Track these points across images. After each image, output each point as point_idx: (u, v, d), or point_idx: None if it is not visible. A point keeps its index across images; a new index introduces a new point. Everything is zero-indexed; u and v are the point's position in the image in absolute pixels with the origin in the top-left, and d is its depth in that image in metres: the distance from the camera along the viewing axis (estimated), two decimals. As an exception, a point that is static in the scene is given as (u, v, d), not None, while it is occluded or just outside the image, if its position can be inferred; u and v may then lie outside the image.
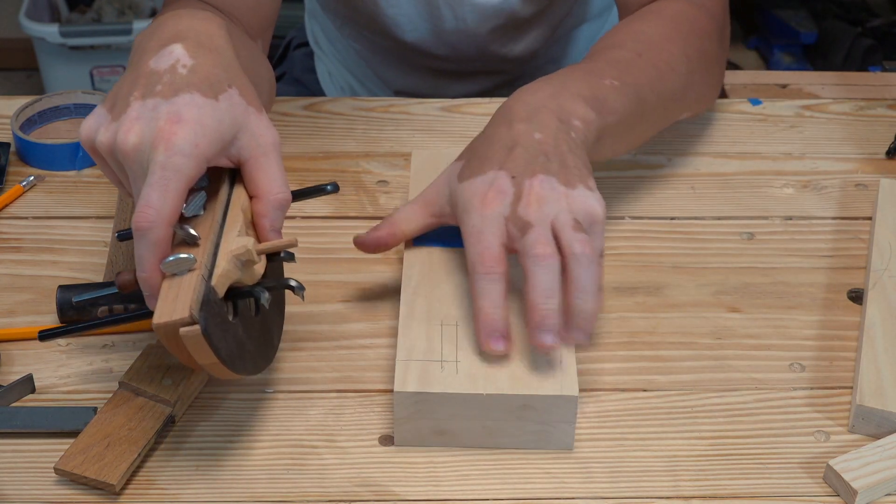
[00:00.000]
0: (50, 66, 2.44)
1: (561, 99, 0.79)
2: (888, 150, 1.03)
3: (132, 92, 0.69)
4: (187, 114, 0.67)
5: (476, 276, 0.72)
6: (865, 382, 0.75)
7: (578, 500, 0.70)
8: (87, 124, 0.71)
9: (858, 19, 2.58)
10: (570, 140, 0.77)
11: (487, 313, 0.71)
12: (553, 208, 0.73)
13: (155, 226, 0.66)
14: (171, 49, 0.71)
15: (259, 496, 0.70)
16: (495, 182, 0.75)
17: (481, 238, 0.73)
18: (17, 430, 0.73)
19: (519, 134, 0.77)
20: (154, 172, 0.66)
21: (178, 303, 0.65)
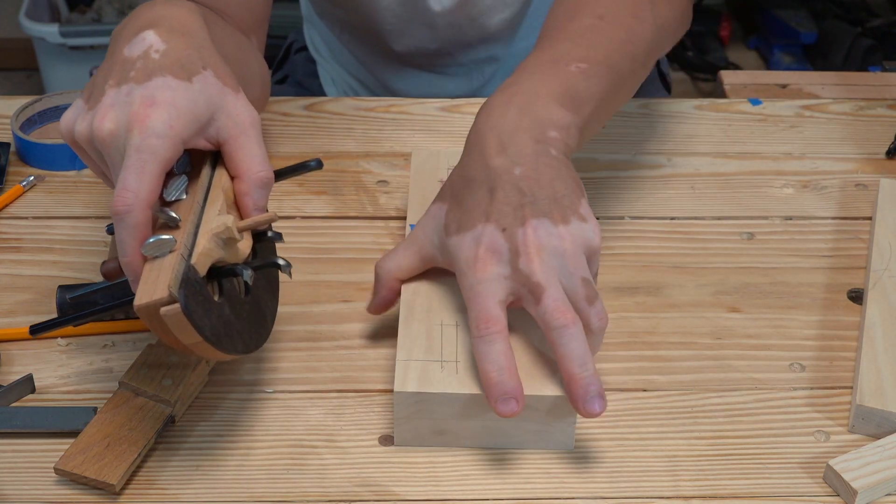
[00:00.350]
0: (50, 66, 2.44)
1: (533, 111, 0.75)
2: (888, 150, 1.03)
3: (107, 80, 0.70)
4: (160, 96, 0.68)
5: (475, 339, 0.70)
6: (865, 382, 0.75)
7: (578, 500, 0.70)
8: (66, 117, 0.71)
9: (858, 19, 2.58)
10: (552, 160, 0.74)
11: (492, 378, 0.69)
12: (556, 261, 0.70)
13: (133, 209, 0.66)
14: (143, 35, 0.71)
15: (259, 496, 0.70)
16: (485, 239, 0.71)
17: (477, 301, 0.70)
18: (17, 430, 0.73)
19: (497, 172, 0.73)
20: (130, 156, 0.66)
21: (157, 283, 0.64)
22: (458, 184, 0.76)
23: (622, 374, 0.79)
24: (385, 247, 0.90)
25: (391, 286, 0.78)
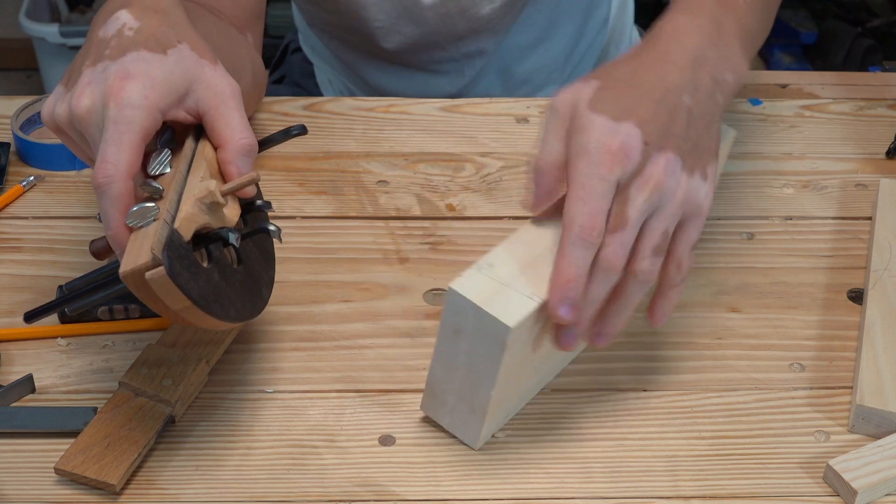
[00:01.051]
0: (50, 66, 2.44)
1: (719, 46, 0.74)
2: (888, 150, 1.03)
3: (84, 61, 0.70)
4: (134, 69, 0.68)
5: (573, 236, 0.67)
6: (865, 382, 0.75)
7: (578, 500, 0.70)
8: (48, 103, 0.72)
9: (858, 19, 2.58)
10: (715, 107, 0.73)
11: (569, 279, 0.67)
12: (660, 200, 0.68)
13: (114, 180, 0.66)
14: (117, 16, 0.71)
15: (259, 496, 0.70)
16: (628, 140, 0.68)
17: (592, 200, 0.67)
18: (17, 430, 0.73)
19: (669, 88, 0.71)
20: (108, 129, 0.66)
21: (141, 250, 0.64)
22: (622, 71, 0.73)
23: (622, 373, 0.79)
24: (385, 247, 0.90)
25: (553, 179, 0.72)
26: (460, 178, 0.98)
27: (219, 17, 0.92)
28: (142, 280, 0.64)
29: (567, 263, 0.67)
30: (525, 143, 1.03)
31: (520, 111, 1.08)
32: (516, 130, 1.05)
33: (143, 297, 0.65)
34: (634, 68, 0.72)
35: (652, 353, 0.81)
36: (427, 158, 1.01)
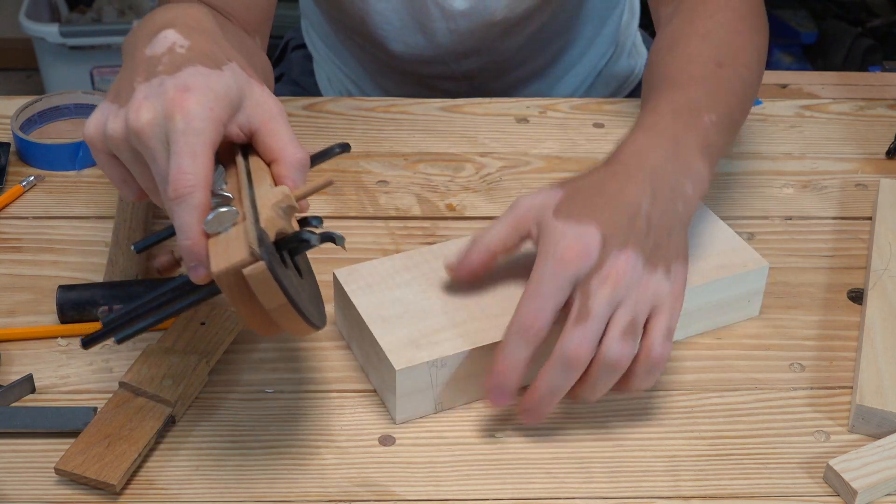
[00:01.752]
0: (50, 66, 2.44)
1: (679, 161, 0.78)
2: (888, 150, 1.03)
3: (134, 78, 0.69)
4: (194, 82, 0.67)
5: (513, 330, 0.71)
6: (865, 382, 0.75)
7: (578, 500, 0.70)
8: (93, 120, 0.70)
9: (858, 19, 2.58)
10: (675, 216, 0.76)
11: (504, 372, 0.71)
12: (621, 296, 0.71)
13: (195, 189, 0.65)
14: (164, 34, 0.70)
15: (259, 496, 0.70)
16: (584, 240, 0.72)
17: (540, 298, 0.71)
18: (17, 430, 0.73)
19: (629, 196, 0.75)
20: (177, 141, 0.65)
21: (232, 248, 0.63)
22: (585, 183, 0.77)
23: (622, 374, 0.79)
24: (385, 247, 0.90)
25: (483, 258, 0.77)
26: (460, 178, 0.98)
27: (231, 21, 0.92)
28: (237, 278, 0.63)
29: (503, 355, 0.71)
30: (525, 143, 1.03)
31: (520, 111, 1.08)
32: (516, 130, 1.05)
33: (235, 298, 0.64)
34: (596, 181, 0.76)
35: (652, 353, 0.81)
36: (427, 158, 1.01)
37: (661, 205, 0.75)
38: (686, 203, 0.77)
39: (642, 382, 0.72)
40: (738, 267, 0.81)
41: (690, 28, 0.90)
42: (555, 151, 1.02)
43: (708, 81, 0.85)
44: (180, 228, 0.65)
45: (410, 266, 0.80)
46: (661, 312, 0.72)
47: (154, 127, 0.66)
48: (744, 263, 0.81)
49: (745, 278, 0.81)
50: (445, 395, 0.75)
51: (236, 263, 0.63)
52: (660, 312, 0.72)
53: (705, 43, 0.88)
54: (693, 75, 0.85)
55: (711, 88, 0.84)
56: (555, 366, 0.70)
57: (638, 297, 0.71)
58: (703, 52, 0.87)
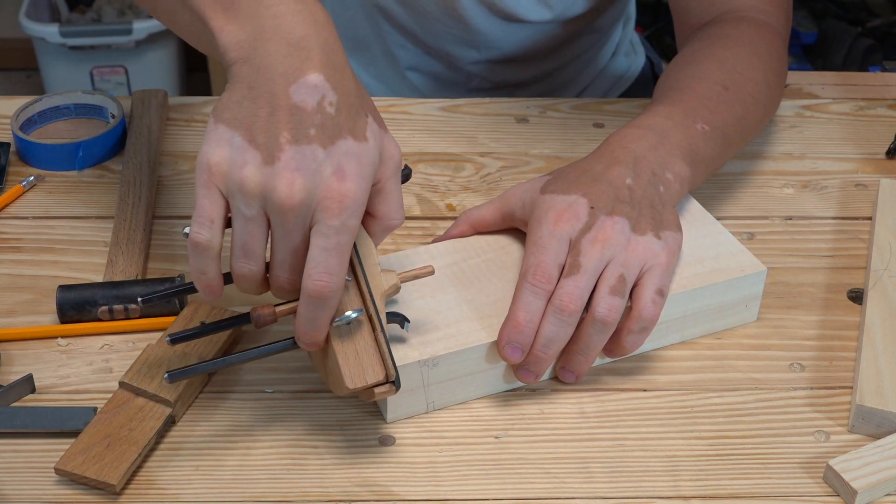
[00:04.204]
0: (50, 66, 2.44)
1: (661, 152, 0.81)
2: (888, 150, 1.03)
3: (279, 131, 0.64)
4: (349, 168, 0.64)
5: (524, 283, 0.74)
6: (865, 382, 0.75)
7: (578, 500, 0.70)
8: (219, 150, 0.65)
9: (858, 19, 2.57)
10: (656, 194, 0.79)
11: (519, 322, 0.73)
12: (610, 254, 0.74)
13: (338, 293, 0.65)
14: (311, 81, 0.65)
15: (259, 496, 0.70)
16: (574, 205, 0.77)
17: (543, 252, 0.75)
18: (17, 430, 0.73)
19: (613, 174, 0.79)
20: (330, 237, 0.64)
21: (364, 363, 0.68)
22: (571, 168, 0.82)
23: (622, 373, 0.79)
24: (385, 247, 0.90)
25: (462, 229, 0.84)
26: (460, 178, 0.98)
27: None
28: (368, 392, 0.69)
29: (517, 308, 0.73)
30: (525, 143, 1.03)
31: (520, 111, 1.08)
32: (516, 130, 1.05)
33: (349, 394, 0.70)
34: (581, 164, 0.82)
35: (652, 353, 0.81)
36: (427, 158, 1.01)
37: (643, 183, 0.79)
38: (667, 187, 0.80)
39: (634, 342, 0.75)
40: (735, 271, 0.81)
41: (708, 52, 0.94)
42: (555, 151, 1.02)
43: (710, 99, 0.88)
44: (310, 322, 0.67)
45: (407, 265, 0.80)
46: (652, 273, 0.75)
47: (303, 208, 0.64)
48: (741, 268, 0.81)
49: (742, 283, 0.81)
50: (437, 394, 0.75)
51: (370, 384, 0.68)
52: (650, 273, 0.75)
53: (718, 67, 0.91)
54: (696, 90, 0.89)
55: (711, 104, 0.87)
56: (548, 316, 0.73)
57: (627, 257, 0.75)
58: (712, 73, 0.91)
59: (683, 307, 0.79)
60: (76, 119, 1.05)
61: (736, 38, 0.95)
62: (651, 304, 0.74)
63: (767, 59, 0.95)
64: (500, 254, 0.82)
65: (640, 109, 1.08)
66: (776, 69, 0.96)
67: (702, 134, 0.85)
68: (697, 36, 0.98)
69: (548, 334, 0.73)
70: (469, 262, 0.81)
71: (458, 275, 0.80)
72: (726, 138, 0.88)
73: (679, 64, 0.94)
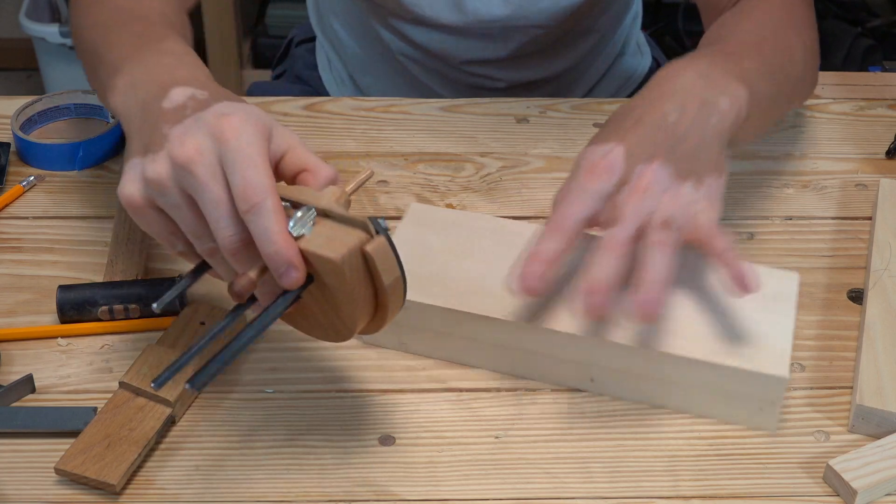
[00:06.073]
0: (50, 66, 2.44)
1: (710, 78, 0.77)
2: (888, 150, 1.03)
3: (161, 126, 0.67)
4: (232, 109, 0.67)
5: (547, 228, 0.72)
6: (865, 382, 0.75)
7: (578, 500, 0.70)
8: (127, 178, 0.67)
9: (858, 19, 2.57)
10: (708, 126, 0.75)
11: (537, 257, 0.71)
12: (651, 204, 0.71)
13: (267, 195, 0.64)
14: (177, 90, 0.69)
15: (259, 496, 0.70)
16: (608, 157, 0.73)
17: (566, 205, 0.73)
18: (17, 430, 0.73)
19: (655, 112, 0.75)
20: (234, 158, 0.64)
21: (339, 237, 0.64)
22: (615, 114, 0.78)
23: (622, 374, 0.79)
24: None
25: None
26: (460, 178, 0.98)
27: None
28: (357, 259, 0.64)
29: (537, 245, 0.72)
30: (525, 143, 1.03)
31: (520, 111, 1.08)
32: (516, 130, 1.05)
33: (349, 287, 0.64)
34: (626, 106, 0.78)
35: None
36: (427, 158, 1.01)
37: (691, 115, 0.75)
38: (721, 116, 0.76)
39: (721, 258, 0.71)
40: (746, 361, 0.72)
41: (740, 16, 0.92)
42: (555, 151, 1.02)
43: (755, 46, 0.86)
44: (263, 236, 0.63)
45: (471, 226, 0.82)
46: (701, 216, 0.72)
47: (202, 154, 0.65)
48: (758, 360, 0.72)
49: (751, 380, 0.72)
50: (409, 338, 0.77)
51: (358, 243, 0.63)
52: (698, 216, 0.72)
53: (756, 24, 0.90)
54: (741, 40, 0.87)
55: (758, 49, 0.85)
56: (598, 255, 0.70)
57: (668, 206, 0.71)
58: (753, 28, 0.89)
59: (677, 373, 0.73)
60: (76, 119, 1.05)
61: (766, 9, 0.93)
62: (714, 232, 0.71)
63: (800, 24, 0.93)
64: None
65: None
66: (809, 36, 0.94)
67: (751, 69, 0.81)
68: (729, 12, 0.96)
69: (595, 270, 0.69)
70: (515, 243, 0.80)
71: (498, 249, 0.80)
72: (777, 80, 0.85)
73: (715, 27, 0.93)
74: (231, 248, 0.65)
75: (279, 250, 0.63)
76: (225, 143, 0.65)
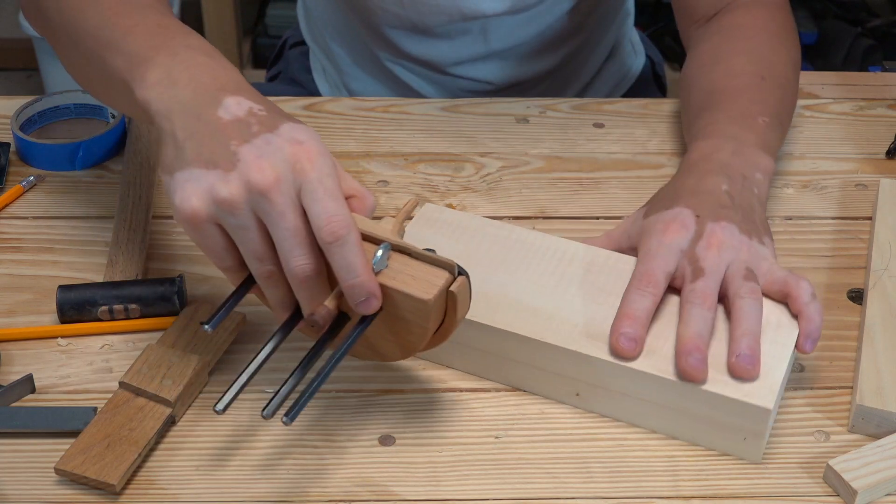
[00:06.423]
0: (50, 66, 2.44)
1: (744, 154, 0.84)
2: (888, 150, 1.03)
3: (226, 142, 0.66)
4: (303, 135, 0.67)
5: (630, 289, 0.75)
6: (865, 382, 0.75)
7: (578, 500, 0.70)
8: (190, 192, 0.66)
9: (858, 19, 2.57)
10: (753, 196, 0.82)
11: (630, 316, 0.73)
12: (730, 256, 0.76)
13: (350, 228, 0.65)
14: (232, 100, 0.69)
15: (259, 496, 0.70)
16: (679, 217, 0.78)
17: (651, 260, 0.76)
18: (17, 430, 0.73)
19: (708, 184, 0.81)
20: (316, 189, 0.65)
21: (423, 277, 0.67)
22: (664, 191, 0.84)
23: (622, 374, 0.79)
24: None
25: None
26: (460, 178, 0.99)
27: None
28: (442, 299, 0.68)
29: (626, 306, 0.74)
30: (525, 143, 1.03)
31: (520, 111, 1.08)
32: (516, 130, 1.05)
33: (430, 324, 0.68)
34: (672, 184, 0.84)
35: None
36: (427, 158, 1.01)
37: (738, 188, 0.81)
38: (759, 187, 0.83)
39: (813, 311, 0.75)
40: (732, 388, 0.71)
41: (730, 46, 0.97)
42: (555, 151, 1.02)
43: (753, 91, 0.91)
44: (346, 268, 0.65)
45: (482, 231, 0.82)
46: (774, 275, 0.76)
47: (282, 183, 0.65)
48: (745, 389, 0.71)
49: (735, 409, 0.71)
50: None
51: (445, 284, 0.67)
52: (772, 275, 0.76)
53: (747, 60, 0.95)
54: (740, 87, 0.92)
55: (758, 97, 0.91)
56: (687, 310, 0.73)
57: (747, 257, 0.76)
58: (746, 67, 0.94)
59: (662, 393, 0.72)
60: (76, 119, 1.05)
61: (751, 27, 0.98)
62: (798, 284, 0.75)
63: (785, 39, 0.98)
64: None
65: (641, 109, 1.08)
66: (791, 43, 0.99)
67: (765, 127, 0.88)
68: (710, 31, 1.00)
69: (693, 324, 0.72)
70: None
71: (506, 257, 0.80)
72: (782, 123, 0.92)
73: (706, 64, 0.97)
74: (302, 277, 0.67)
75: (364, 283, 0.66)
76: (304, 174, 0.65)
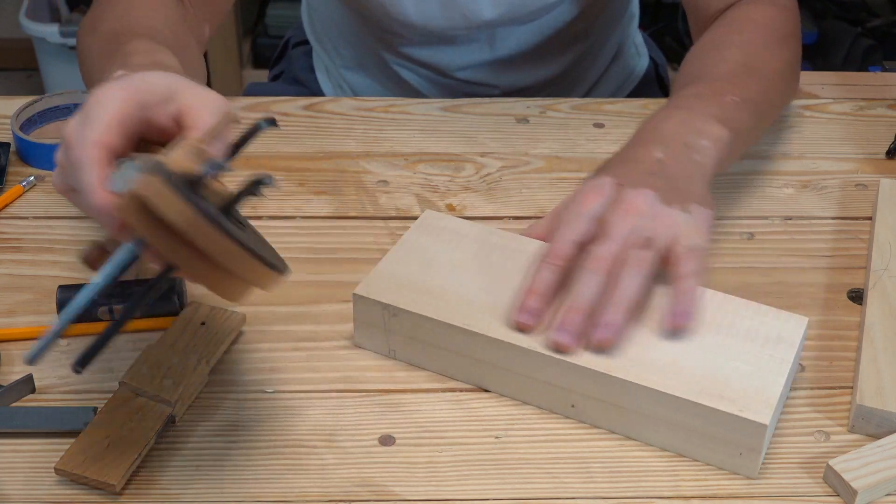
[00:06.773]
0: (50, 66, 2.44)
1: (692, 122, 0.84)
2: (888, 150, 1.03)
3: None
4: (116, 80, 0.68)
5: (541, 261, 0.76)
6: (865, 382, 0.75)
7: (578, 500, 0.70)
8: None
9: (858, 19, 2.57)
10: (692, 163, 0.81)
11: (532, 291, 0.75)
12: (635, 222, 0.76)
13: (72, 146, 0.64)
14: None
15: (259, 496, 0.70)
16: (600, 185, 0.79)
17: (562, 231, 0.77)
18: (17, 430, 0.73)
19: (640, 153, 0.82)
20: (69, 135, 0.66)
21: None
22: (607, 160, 0.84)
23: (622, 374, 0.79)
24: (385, 247, 0.90)
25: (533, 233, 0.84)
26: (460, 178, 0.99)
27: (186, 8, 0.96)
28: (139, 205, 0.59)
29: (533, 280, 0.75)
30: (525, 143, 1.03)
31: (520, 111, 1.08)
32: (516, 130, 1.05)
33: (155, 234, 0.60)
34: (617, 153, 0.84)
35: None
36: (427, 158, 1.01)
37: (675, 154, 0.81)
38: (703, 154, 0.82)
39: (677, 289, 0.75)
40: (727, 403, 0.69)
41: (726, 38, 0.97)
42: (555, 151, 1.02)
43: (735, 77, 0.91)
44: (84, 192, 0.64)
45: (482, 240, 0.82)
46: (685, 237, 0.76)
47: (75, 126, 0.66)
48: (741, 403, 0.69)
49: (730, 423, 0.69)
50: (399, 345, 0.78)
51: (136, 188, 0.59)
52: (683, 237, 0.76)
53: (737, 50, 0.95)
54: (722, 71, 0.92)
55: (737, 81, 0.91)
56: (582, 274, 0.74)
57: (655, 226, 0.76)
58: (733, 56, 0.94)
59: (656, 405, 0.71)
60: (76, 119, 1.05)
61: (751, 22, 0.98)
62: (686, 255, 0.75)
63: (782, 40, 0.98)
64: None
65: (641, 109, 1.08)
66: (791, 48, 0.99)
67: (732, 105, 0.87)
68: (717, 22, 1.01)
69: (580, 291, 0.73)
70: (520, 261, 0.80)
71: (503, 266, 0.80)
72: (758, 109, 0.91)
73: (698, 52, 0.97)
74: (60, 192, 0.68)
75: (96, 202, 0.63)
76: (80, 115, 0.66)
